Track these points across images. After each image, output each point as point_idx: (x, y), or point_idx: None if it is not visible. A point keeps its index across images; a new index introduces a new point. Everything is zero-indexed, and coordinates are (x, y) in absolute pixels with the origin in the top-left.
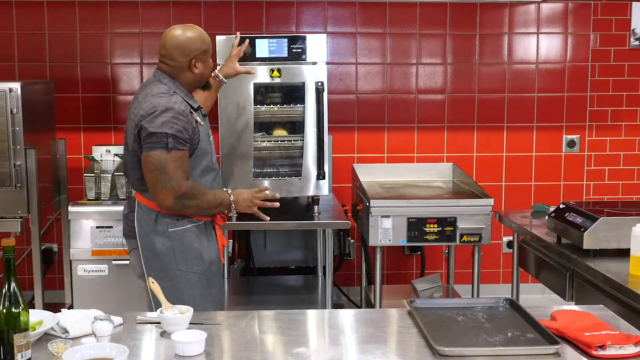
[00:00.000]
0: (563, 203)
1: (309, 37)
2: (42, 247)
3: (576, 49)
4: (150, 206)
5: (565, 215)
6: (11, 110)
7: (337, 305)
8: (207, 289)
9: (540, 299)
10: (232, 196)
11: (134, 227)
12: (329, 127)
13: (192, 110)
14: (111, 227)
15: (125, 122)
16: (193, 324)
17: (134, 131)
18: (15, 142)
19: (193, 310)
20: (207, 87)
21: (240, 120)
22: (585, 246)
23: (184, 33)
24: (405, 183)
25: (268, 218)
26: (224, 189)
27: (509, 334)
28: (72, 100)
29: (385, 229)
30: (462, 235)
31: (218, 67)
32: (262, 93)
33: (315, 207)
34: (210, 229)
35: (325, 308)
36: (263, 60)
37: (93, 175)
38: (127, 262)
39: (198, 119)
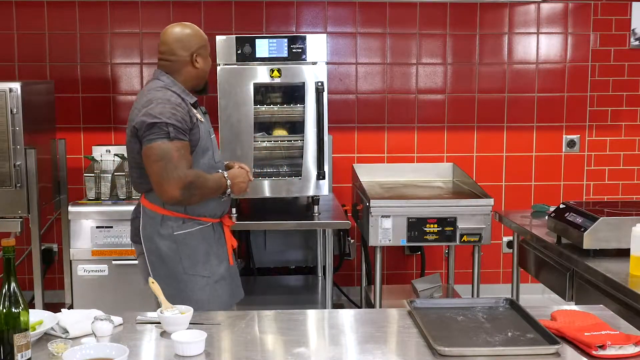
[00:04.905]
0: (563, 203)
1: (309, 37)
2: (42, 247)
3: (576, 49)
4: (155, 210)
5: (565, 215)
6: (11, 110)
7: (337, 305)
8: (214, 291)
9: (540, 299)
10: (228, 180)
11: (140, 232)
12: (329, 127)
13: (189, 105)
14: (111, 227)
15: (125, 122)
16: (193, 324)
17: (131, 125)
18: (15, 142)
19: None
20: (204, 92)
21: (240, 120)
22: (585, 246)
23: (183, 30)
24: (405, 183)
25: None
26: (220, 171)
27: (509, 334)
28: (72, 100)
29: (385, 229)
30: (462, 235)
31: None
32: (262, 93)
33: (315, 207)
34: (218, 230)
35: (325, 308)
36: (263, 60)
37: (93, 175)
38: (127, 262)
39: (198, 115)
